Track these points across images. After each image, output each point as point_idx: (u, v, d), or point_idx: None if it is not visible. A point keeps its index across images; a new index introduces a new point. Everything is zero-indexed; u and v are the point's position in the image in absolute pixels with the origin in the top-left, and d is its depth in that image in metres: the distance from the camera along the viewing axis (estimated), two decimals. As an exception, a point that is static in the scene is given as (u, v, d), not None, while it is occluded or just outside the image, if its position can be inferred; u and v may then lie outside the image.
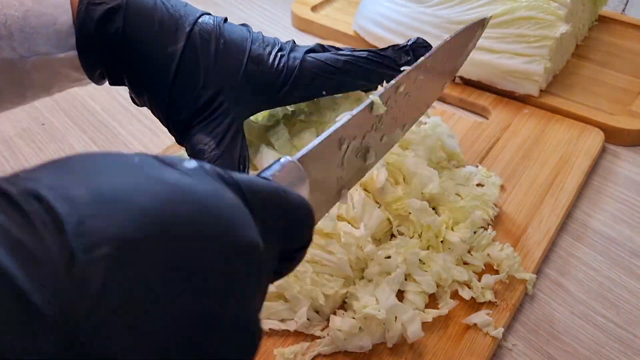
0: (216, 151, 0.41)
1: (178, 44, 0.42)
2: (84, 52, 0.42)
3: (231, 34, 0.44)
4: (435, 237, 0.46)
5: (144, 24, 0.42)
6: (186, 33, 0.42)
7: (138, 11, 0.42)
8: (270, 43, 0.45)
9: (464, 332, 0.43)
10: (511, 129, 0.63)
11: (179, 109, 0.42)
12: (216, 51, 0.43)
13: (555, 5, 0.64)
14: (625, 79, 0.71)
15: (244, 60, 0.43)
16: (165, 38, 0.42)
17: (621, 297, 0.48)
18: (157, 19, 0.42)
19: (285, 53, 0.45)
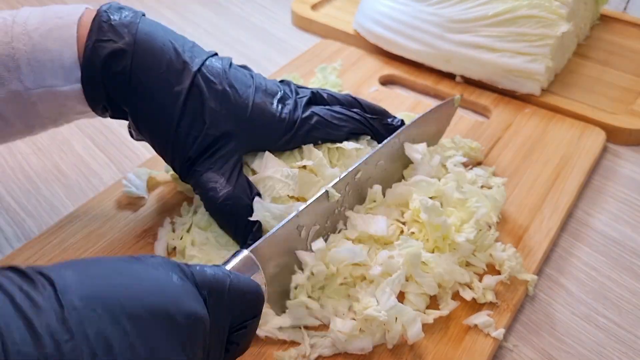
0: (228, 188, 0.44)
1: (184, 84, 0.44)
2: (89, 86, 0.43)
3: (235, 80, 0.46)
4: (443, 239, 0.46)
5: (151, 64, 0.43)
6: (193, 73, 0.44)
7: (146, 51, 0.43)
8: (272, 92, 0.48)
9: (465, 333, 0.43)
10: (512, 129, 0.63)
11: (184, 147, 0.44)
12: (223, 95, 0.45)
13: (557, 4, 0.64)
14: (626, 78, 0.71)
15: (249, 105, 0.46)
16: (171, 78, 0.43)
17: (622, 297, 0.48)
18: (164, 59, 0.44)
19: (289, 104, 0.48)
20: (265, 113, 0.46)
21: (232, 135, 0.45)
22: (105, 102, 0.44)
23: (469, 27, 0.66)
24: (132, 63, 0.42)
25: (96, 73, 0.42)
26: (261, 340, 0.42)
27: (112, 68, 0.42)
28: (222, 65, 0.46)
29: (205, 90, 0.44)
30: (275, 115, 0.46)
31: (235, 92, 0.45)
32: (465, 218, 0.47)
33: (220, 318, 0.32)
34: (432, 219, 0.45)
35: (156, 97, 0.43)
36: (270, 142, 0.47)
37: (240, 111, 0.45)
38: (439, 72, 0.70)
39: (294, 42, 0.80)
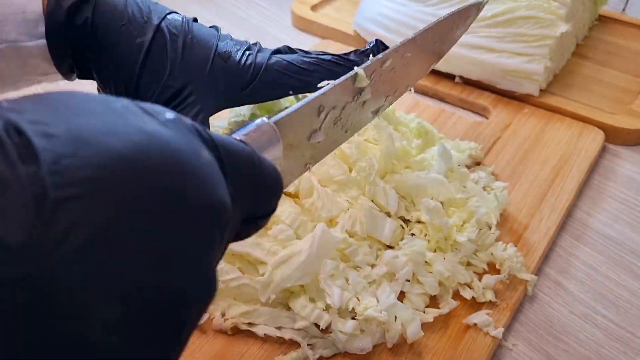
0: None
1: (146, 35, 0.43)
2: (53, 41, 0.42)
3: (199, 31, 0.45)
4: (445, 240, 0.46)
5: (113, 16, 0.42)
6: (154, 26, 0.43)
7: (107, 3, 0.42)
8: (238, 42, 0.46)
9: (464, 332, 0.43)
10: (511, 129, 0.63)
11: (145, 99, 0.42)
12: (184, 45, 0.43)
13: (556, 5, 0.64)
14: (625, 78, 0.71)
15: (211, 55, 0.44)
16: (133, 30, 0.43)
17: (621, 296, 0.48)
18: (126, 12, 0.43)
19: (252, 52, 0.45)
20: (228, 62, 0.44)
21: (193, 86, 0.43)
22: (71, 59, 0.44)
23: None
24: (94, 15, 0.42)
25: (59, 27, 0.42)
26: (260, 340, 0.42)
27: (75, 21, 0.42)
28: (184, 19, 0.45)
29: (168, 41, 0.43)
30: (238, 64, 0.44)
31: (197, 42, 0.44)
32: (466, 218, 0.47)
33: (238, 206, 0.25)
34: (435, 220, 0.45)
35: (118, 49, 0.43)
36: (235, 93, 0.45)
37: (201, 61, 0.44)
38: (437, 72, 0.70)
39: (293, 43, 0.80)
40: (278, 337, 0.42)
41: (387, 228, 0.45)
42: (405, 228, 0.47)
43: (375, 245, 0.46)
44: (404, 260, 0.44)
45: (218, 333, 0.43)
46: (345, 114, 0.41)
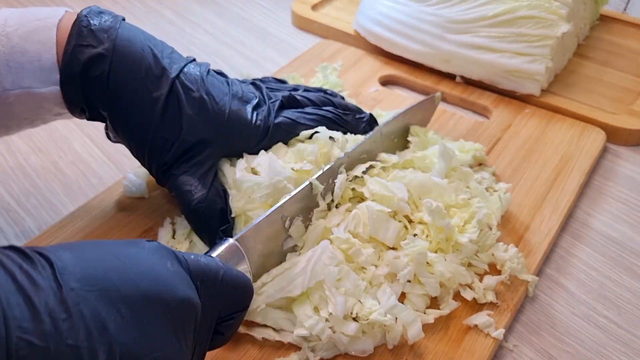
0: (203, 191, 0.45)
1: (162, 90, 0.44)
2: (67, 90, 0.43)
3: (213, 87, 0.47)
4: (446, 241, 0.46)
5: (130, 69, 0.44)
6: (171, 80, 0.45)
7: (125, 56, 0.44)
8: (247, 98, 0.49)
9: (465, 333, 0.43)
10: (512, 129, 0.63)
11: (161, 152, 0.45)
12: (200, 102, 0.45)
13: (557, 5, 0.64)
14: (626, 78, 0.71)
15: (226, 114, 0.46)
16: (150, 83, 0.44)
17: (622, 297, 0.48)
18: (143, 64, 0.44)
19: (263, 111, 0.49)
20: (241, 121, 0.47)
21: (208, 142, 0.46)
22: (84, 104, 0.45)
23: (468, 28, 0.66)
24: (110, 68, 0.43)
25: (75, 77, 0.43)
26: (259, 342, 0.42)
27: (91, 72, 0.43)
28: (200, 72, 0.47)
29: (183, 97, 0.45)
30: (250, 123, 0.47)
31: (212, 99, 0.46)
32: (468, 218, 0.47)
33: (210, 307, 0.33)
34: (436, 221, 0.45)
35: (134, 102, 0.44)
36: (246, 149, 0.48)
37: (217, 119, 0.46)
38: (439, 72, 0.70)
39: (293, 42, 0.80)
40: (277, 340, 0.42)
41: (390, 230, 0.45)
42: (409, 228, 0.47)
43: (379, 246, 0.46)
44: (406, 260, 0.44)
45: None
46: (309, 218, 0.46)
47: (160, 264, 0.31)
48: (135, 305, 0.28)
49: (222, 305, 0.34)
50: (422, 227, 0.47)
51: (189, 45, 0.80)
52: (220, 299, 0.34)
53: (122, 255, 0.30)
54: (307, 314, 0.41)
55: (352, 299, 0.42)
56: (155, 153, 0.45)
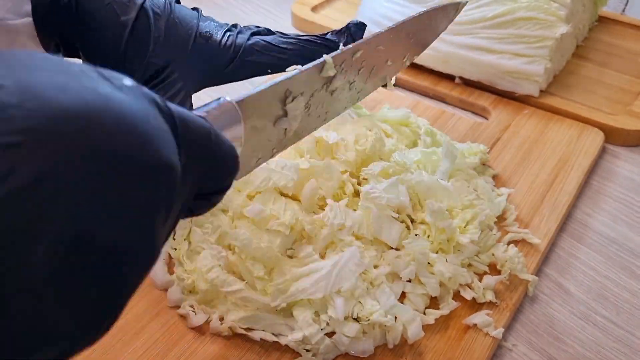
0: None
1: (130, 14, 0.44)
2: (39, 20, 0.43)
3: (180, 12, 0.46)
4: (447, 241, 0.46)
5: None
6: (138, 5, 0.44)
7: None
8: (219, 24, 0.47)
9: (464, 333, 0.43)
10: (511, 130, 0.63)
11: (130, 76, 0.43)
12: (167, 24, 0.45)
13: (556, 6, 0.64)
14: (625, 79, 0.71)
15: (193, 35, 0.45)
16: (118, 9, 0.44)
17: (621, 297, 0.48)
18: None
19: (233, 33, 0.47)
20: (209, 42, 0.46)
21: (175, 64, 0.45)
22: (57, 38, 0.45)
23: (468, 29, 0.66)
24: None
25: (45, 6, 0.43)
26: (258, 344, 0.42)
27: (60, 1, 0.43)
28: (167, 0, 0.46)
29: (151, 20, 0.45)
30: (219, 44, 0.46)
31: (179, 22, 0.46)
32: (470, 219, 0.47)
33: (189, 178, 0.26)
34: (438, 222, 0.45)
35: (103, 27, 0.44)
36: (216, 72, 0.47)
37: (183, 40, 0.45)
38: (438, 73, 0.71)
39: (293, 44, 0.81)
40: (274, 341, 0.42)
41: (394, 230, 0.46)
42: (411, 228, 0.47)
43: (381, 247, 0.46)
44: (407, 260, 0.44)
45: (215, 337, 0.43)
46: (314, 101, 0.41)
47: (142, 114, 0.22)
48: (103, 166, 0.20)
49: (202, 177, 0.28)
50: (424, 227, 0.47)
51: (190, 46, 0.80)
52: (202, 169, 0.27)
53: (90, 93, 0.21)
54: (307, 320, 0.41)
55: (352, 300, 0.42)
56: None
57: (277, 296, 0.41)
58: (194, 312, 0.44)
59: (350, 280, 0.42)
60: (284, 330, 0.42)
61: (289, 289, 0.42)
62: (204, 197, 0.29)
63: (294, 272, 0.42)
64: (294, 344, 0.41)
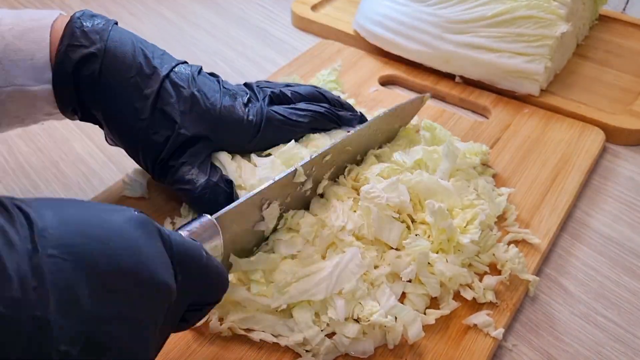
0: (204, 178, 0.45)
1: (153, 87, 0.45)
2: (59, 88, 0.44)
3: (203, 85, 0.48)
4: (448, 241, 0.46)
5: (120, 68, 0.45)
6: (161, 77, 0.45)
7: (116, 56, 0.45)
8: (235, 91, 0.49)
9: (465, 333, 0.43)
10: (511, 129, 0.63)
11: (156, 147, 0.46)
12: (192, 98, 0.46)
13: (556, 5, 0.64)
14: (625, 78, 0.71)
15: (219, 109, 0.47)
16: (141, 82, 0.45)
17: (621, 297, 0.48)
18: (134, 64, 0.45)
19: (252, 106, 0.49)
20: (233, 116, 0.48)
21: (202, 137, 0.46)
22: (76, 104, 0.46)
23: (468, 28, 0.66)
24: (102, 67, 0.44)
25: (67, 76, 0.44)
26: (257, 345, 0.42)
27: (83, 72, 0.44)
28: (191, 71, 0.48)
29: (173, 93, 0.46)
30: (242, 119, 0.48)
31: (204, 95, 0.47)
32: (470, 219, 0.47)
33: (184, 294, 0.31)
34: (438, 223, 0.45)
35: (126, 100, 0.45)
36: (239, 145, 0.49)
37: (209, 114, 0.47)
38: (438, 72, 0.70)
39: (293, 43, 0.81)
40: (274, 342, 0.42)
41: (394, 231, 0.45)
42: (411, 228, 0.47)
43: (381, 247, 0.46)
44: (407, 260, 0.44)
45: (215, 337, 0.43)
46: (289, 203, 0.46)
47: (144, 241, 0.29)
48: (111, 281, 0.26)
49: (195, 293, 0.33)
50: (425, 227, 0.47)
51: (189, 45, 0.80)
52: (195, 287, 0.32)
53: (107, 223, 0.28)
54: (307, 322, 0.41)
55: (353, 301, 0.42)
56: (150, 149, 0.46)
57: (277, 298, 0.41)
58: None
59: (351, 281, 0.41)
60: (284, 331, 0.42)
61: (289, 290, 0.41)
62: (196, 309, 0.34)
63: (295, 273, 0.42)
64: (294, 345, 0.41)
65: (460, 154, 0.52)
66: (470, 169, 0.53)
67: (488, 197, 0.50)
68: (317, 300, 0.42)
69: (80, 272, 0.25)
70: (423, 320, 0.42)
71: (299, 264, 0.43)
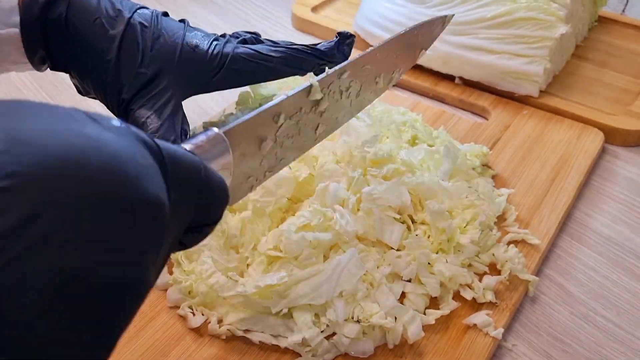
0: (157, 122, 0.44)
1: (118, 28, 0.45)
2: (27, 33, 0.44)
3: (167, 24, 0.47)
4: (447, 241, 0.46)
5: (86, 11, 0.45)
6: (126, 19, 0.46)
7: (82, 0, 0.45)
8: (206, 34, 0.48)
9: (464, 333, 0.43)
10: (511, 130, 0.63)
11: (120, 88, 0.45)
12: (154, 36, 0.46)
13: (555, 6, 0.64)
14: (624, 80, 0.71)
15: (179, 45, 0.46)
16: (106, 23, 0.45)
17: (621, 297, 0.48)
18: (99, 7, 0.45)
19: (220, 43, 0.47)
20: (195, 51, 0.47)
21: (164, 74, 0.46)
22: (43, 51, 0.46)
23: (467, 29, 0.66)
24: (68, 9, 0.45)
25: (34, 19, 0.44)
26: (257, 346, 0.42)
27: (50, 15, 0.44)
28: (154, 13, 0.48)
29: (139, 32, 0.46)
30: (206, 53, 0.47)
31: (166, 33, 0.47)
32: (470, 219, 0.47)
33: (180, 213, 0.27)
34: (438, 223, 0.45)
35: (92, 41, 0.45)
36: (204, 81, 0.47)
37: (170, 50, 0.46)
38: (437, 73, 0.71)
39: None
40: (274, 344, 0.42)
41: (395, 232, 0.46)
42: (412, 228, 0.47)
43: (382, 248, 0.46)
44: (408, 260, 0.44)
45: (214, 339, 0.43)
46: (303, 124, 0.42)
47: (128, 153, 0.23)
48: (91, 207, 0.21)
49: (193, 212, 0.28)
50: (425, 227, 0.47)
51: (189, 46, 0.80)
52: (193, 204, 0.28)
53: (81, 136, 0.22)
54: (307, 323, 0.41)
55: (353, 303, 0.42)
56: (113, 90, 0.46)
57: (277, 302, 0.41)
58: (193, 314, 0.43)
59: (351, 283, 0.41)
60: (283, 332, 0.42)
61: (289, 294, 0.41)
62: (195, 230, 0.30)
63: (294, 275, 0.42)
64: (294, 345, 0.41)
65: (461, 155, 0.52)
66: (470, 169, 0.53)
67: (488, 197, 0.50)
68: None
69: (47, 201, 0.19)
70: (423, 320, 0.43)
71: (297, 264, 0.43)
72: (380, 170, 0.49)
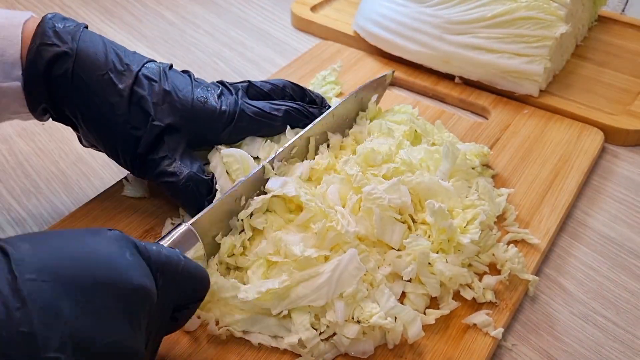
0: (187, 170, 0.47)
1: (126, 82, 0.46)
2: (30, 86, 0.45)
3: (176, 79, 0.49)
4: (448, 241, 0.46)
5: (93, 66, 0.45)
6: (134, 73, 0.46)
7: (89, 55, 0.46)
8: (208, 86, 0.50)
9: (464, 332, 0.43)
10: (511, 129, 0.63)
11: (133, 142, 0.47)
12: (164, 91, 0.47)
13: (555, 6, 0.64)
14: (624, 79, 0.71)
15: (191, 100, 0.48)
16: (115, 78, 0.46)
17: (621, 297, 0.48)
18: (108, 62, 0.46)
19: (225, 97, 0.50)
20: (205, 107, 0.48)
21: (176, 128, 0.47)
22: (47, 103, 0.46)
23: (467, 29, 0.66)
24: (74, 66, 0.45)
25: (38, 74, 0.44)
26: (255, 348, 0.42)
27: (55, 71, 0.45)
28: (162, 67, 0.49)
29: (147, 87, 0.46)
30: (216, 109, 0.49)
31: (176, 87, 0.48)
32: (470, 219, 0.47)
33: (167, 296, 0.34)
34: (439, 223, 0.45)
35: (101, 96, 0.46)
36: (213, 135, 0.50)
37: (182, 105, 0.47)
38: (438, 73, 0.71)
39: (293, 44, 0.81)
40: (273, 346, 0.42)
41: (396, 232, 0.46)
42: (412, 228, 0.47)
43: (383, 248, 0.46)
44: (408, 259, 0.44)
45: (212, 340, 0.43)
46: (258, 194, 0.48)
47: (118, 253, 0.32)
48: (89, 293, 0.29)
49: (179, 295, 0.36)
50: (425, 227, 0.47)
51: (189, 46, 0.80)
52: (177, 289, 0.35)
53: (81, 245, 0.31)
54: (305, 324, 0.41)
55: (353, 304, 0.42)
56: (127, 145, 0.47)
57: (277, 304, 0.41)
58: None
59: (351, 284, 0.41)
60: (282, 332, 0.42)
61: (289, 295, 0.41)
62: (184, 307, 0.37)
63: (294, 276, 0.42)
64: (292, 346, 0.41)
65: (461, 155, 0.52)
66: (469, 169, 0.53)
67: (488, 197, 0.50)
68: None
69: (58, 289, 0.28)
70: (423, 320, 0.43)
71: (297, 265, 0.43)
72: (380, 169, 0.49)
